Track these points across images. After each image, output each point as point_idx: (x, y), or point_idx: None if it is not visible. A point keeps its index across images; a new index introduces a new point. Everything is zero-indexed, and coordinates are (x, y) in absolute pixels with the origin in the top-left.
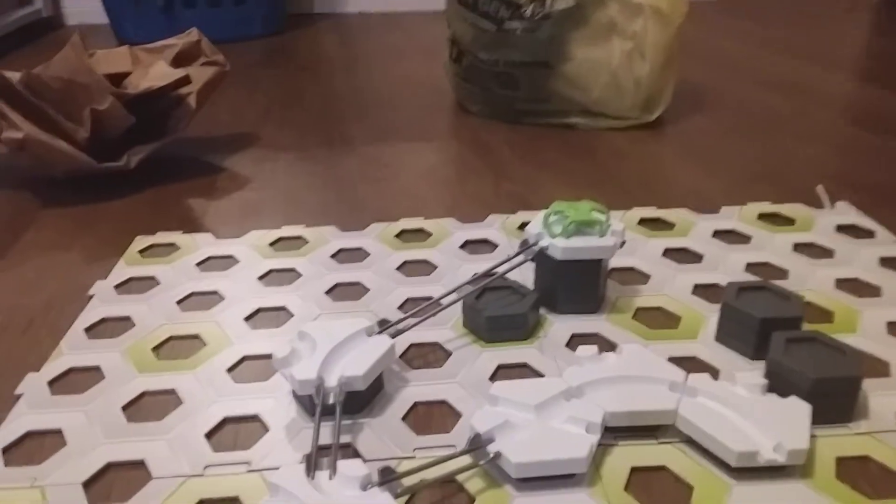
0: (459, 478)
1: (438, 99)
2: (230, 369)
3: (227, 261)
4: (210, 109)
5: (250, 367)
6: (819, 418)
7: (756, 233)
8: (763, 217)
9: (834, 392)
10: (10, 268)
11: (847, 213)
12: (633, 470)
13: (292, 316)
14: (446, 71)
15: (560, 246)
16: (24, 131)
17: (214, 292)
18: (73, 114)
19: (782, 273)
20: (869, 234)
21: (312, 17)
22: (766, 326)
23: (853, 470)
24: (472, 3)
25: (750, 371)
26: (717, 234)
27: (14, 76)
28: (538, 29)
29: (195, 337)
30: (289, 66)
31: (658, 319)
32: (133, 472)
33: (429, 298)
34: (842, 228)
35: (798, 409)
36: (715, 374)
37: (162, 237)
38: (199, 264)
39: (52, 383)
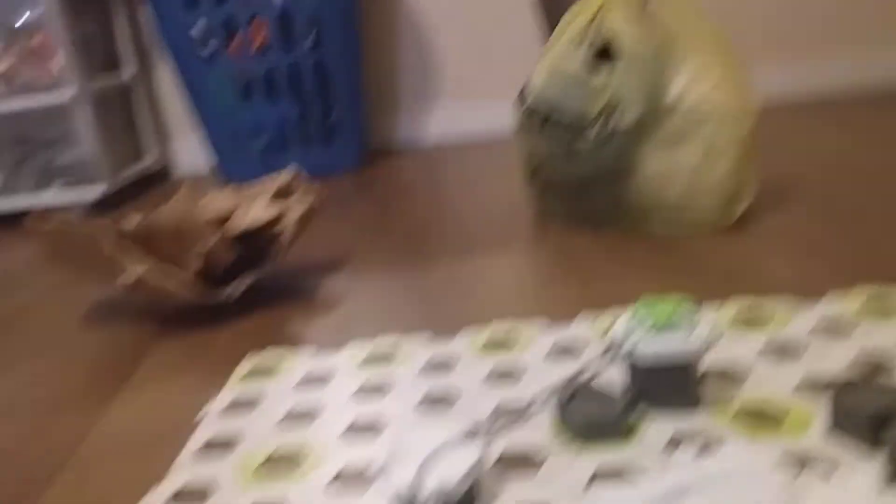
0: None
1: (519, 214)
2: (333, 480)
3: (327, 374)
4: (305, 241)
5: (352, 476)
6: None
7: (858, 322)
8: (868, 303)
9: None
10: (129, 396)
11: None
12: None
13: (388, 425)
14: (524, 186)
15: (644, 353)
16: (135, 274)
17: (316, 406)
18: (184, 253)
19: (888, 367)
20: None
21: (394, 152)
22: (878, 421)
23: None
24: (539, 130)
25: (865, 466)
26: (818, 325)
27: (132, 221)
28: (605, 145)
29: (300, 451)
30: (374, 197)
31: (760, 417)
32: None
33: (520, 403)
34: None
35: None
36: (827, 470)
37: (268, 356)
38: (302, 380)
39: (171, 498)
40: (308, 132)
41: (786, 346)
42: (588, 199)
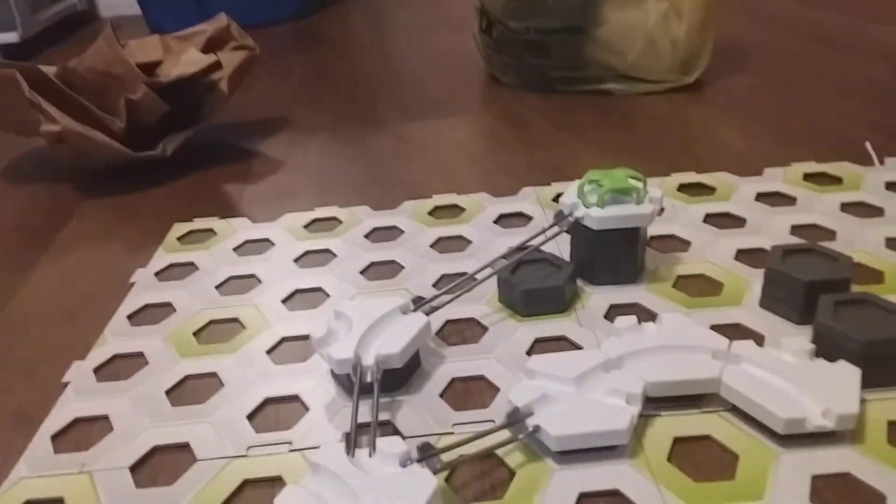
0: (499, 452)
1: (470, 72)
2: (269, 351)
3: (264, 244)
4: (242, 95)
5: (289, 348)
6: (870, 382)
7: (802, 194)
8: (809, 177)
9: (885, 354)
10: (53, 259)
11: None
12: (677, 440)
13: (328, 296)
14: (476, 43)
15: (596, 216)
16: (61, 124)
17: (252, 276)
18: (109, 105)
19: (830, 234)
20: None
21: None
22: (812, 290)
23: None
24: None
25: (796, 336)
26: (761, 196)
27: (50, 70)
28: None
29: (234, 320)
30: (319, 48)
31: (699, 287)
32: (178, 455)
33: (464, 274)
34: (891, 186)
35: (847, 373)
36: (760, 340)
37: (200, 223)
38: (236, 249)
39: (97, 370)
40: None
41: (727, 217)
42: (543, 58)
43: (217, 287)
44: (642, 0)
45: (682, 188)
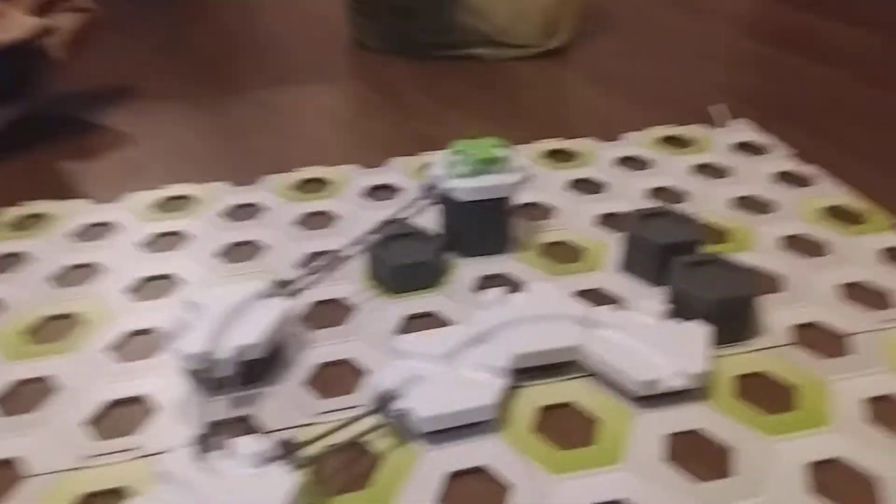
0: (367, 439)
1: (336, 36)
2: (113, 348)
3: (106, 228)
4: (81, 61)
5: (135, 343)
6: (721, 339)
7: (657, 157)
8: (664, 140)
9: (732, 312)
10: None
11: (744, 130)
12: (542, 410)
13: (182, 282)
14: (343, 7)
15: (462, 187)
16: None
17: (92, 264)
18: None
19: (682, 196)
20: (765, 150)
21: None
22: (666, 252)
23: (752, 387)
24: None
25: (652, 299)
26: (620, 161)
27: None
28: None
29: (72, 315)
30: (172, 7)
31: (563, 253)
32: (2, 474)
33: (331, 252)
34: (739, 147)
35: (697, 333)
36: (620, 303)
37: (31, 207)
38: (73, 234)
39: None
40: None
41: (589, 182)
42: (412, 22)
43: (52, 278)
44: None
45: (548, 154)
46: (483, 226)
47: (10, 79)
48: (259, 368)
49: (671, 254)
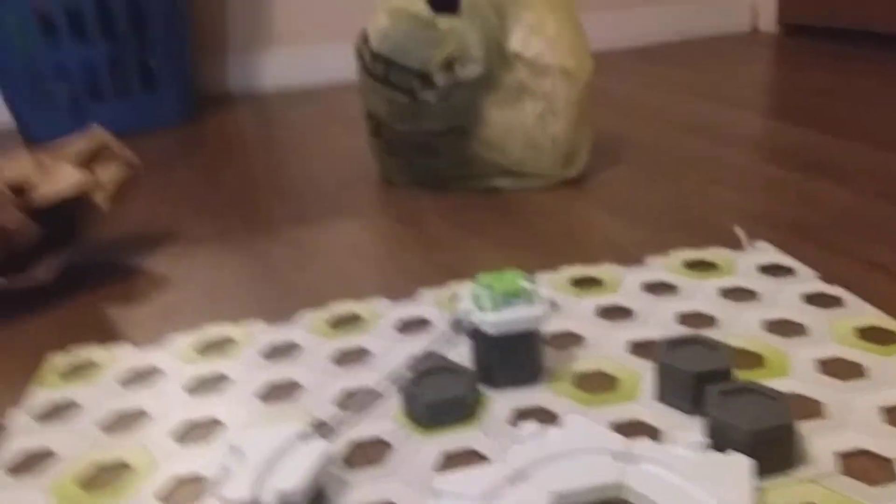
0: None
1: (362, 173)
2: (161, 496)
3: (150, 373)
4: (120, 209)
5: (182, 489)
6: (763, 470)
7: (683, 281)
8: (688, 264)
9: (771, 442)
10: None
11: (766, 251)
12: None
13: (223, 426)
14: (368, 144)
15: (491, 321)
16: None
17: (139, 410)
18: None
19: (711, 321)
20: (789, 272)
21: (227, 97)
22: (699, 381)
23: None
24: (384, 77)
25: (689, 429)
26: (646, 286)
27: None
28: (451, 97)
29: (122, 463)
30: (206, 152)
31: (596, 383)
32: None
33: (366, 389)
34: (763, 269)
35: (740, 465)
36: (657, 435)
37: (77, 355)
38: (119, 380)
39: None
40: (124, 79)
41: (616, 308)
42: (432, 158)
43: (101, 426)
44: (520, 100)
45: (573, 281)
46: (513, 358)
47: (57, 230)
48: None
49: (705, 382)
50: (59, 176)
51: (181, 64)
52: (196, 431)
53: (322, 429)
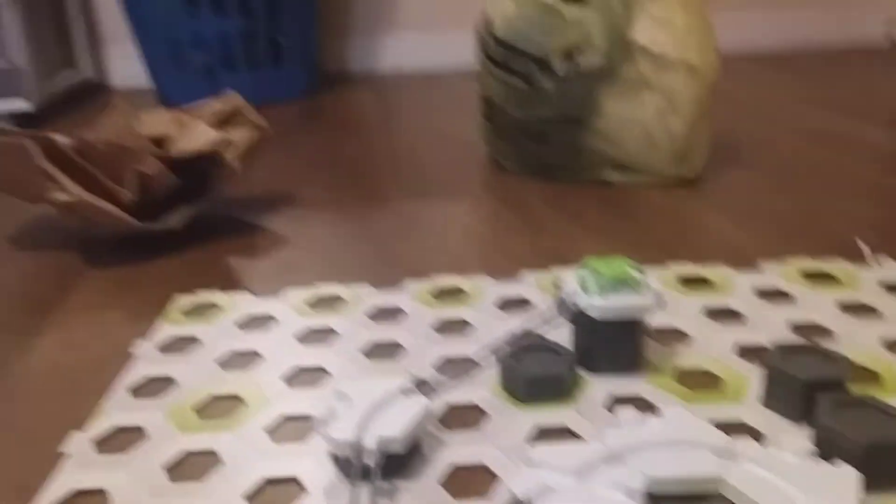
0: None
1: (473, 155)
2: (269, 430)
3: (266, 320)
4: (248, 169)
5: (289, 426)
6: (871, 485)
7: (799, 290)
8: (805, 274)
9: (884, 457)
10: (54, 326)
11: (891, 268)
12: None
13: (329, 375)
14: (480, 128)
15: (597, 305)
16: (72, 193)
17: (253, 352)
18: (119, 176)
19: (827, 333)
20: None
21: (348, 76)
22: (811, 389)
23: None
24: (503, 62)
25: (796, 436)
26: (759, 291)
27: (63, 140)
28: (569, 86)
29: (235, 397)
30: (326, 126)
31: (700, 381)
32: None
33: (465, 358)
34: (886, 286)
35: (847, 477)
36: (760, 438)
37: (201, 297)
38: (237, 323)
39: (95, 442)
40: (255, 52)
41: (726, 310)
42: (544, 146)
43: (218, 362)
44: (640, 93)
45: (680, 279)
46: (615, 344)
47: (191, 182)
48: (399, 462)
49: (815, 391)
50: (195, 133)
51: (307, 42)
52: (304, 376)
53: (423, 387)
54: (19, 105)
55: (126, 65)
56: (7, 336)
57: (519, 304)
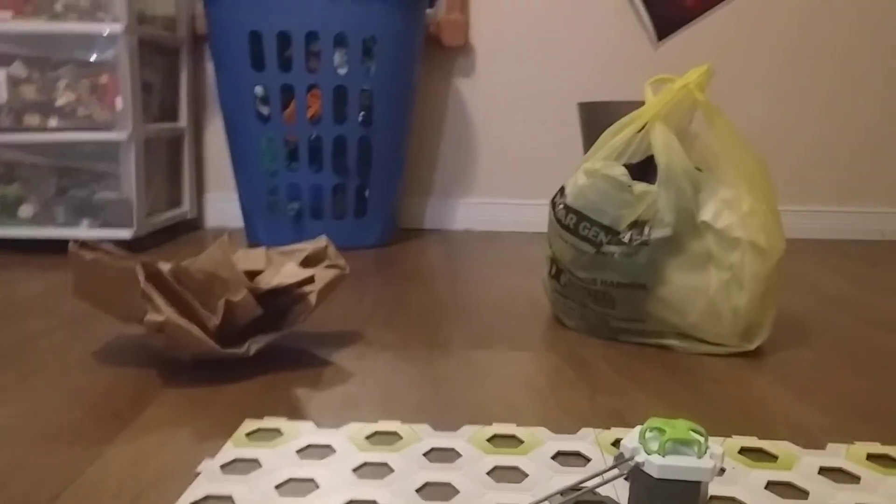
0: None
1: (536, 312)
2: None
3: (325, 450)
4: (324, 307)
5: None
6: None
7: (866, 473)
8: (872, 457)
9: None
10: (129, 440)
11: None
12: None
13: None
14: (544, 286)
15: (657, 463)
16: (165, 315)
17: (311, 479)
18: (210, 303)
19: None
20: None
21: (422, 231)
22: None
23: None
24: (573, 227)
25: None
26: (823, 471)
27: (165, 266)
28: (636, 254)
29: None
30: (397, 273)
31: None
32: None
33: None
34: None
35: None
36: None
37: (268, 422)
38: (299, 451)
39: None
40: (343, 204)
41: (789, 486)
42: (608, 307)
43: (277, 487)
44: (705, 267)
45: (743, 451)
46: None
47: (273, 313)
48: None
49: None
50: (283, 269)
51: (390, 198)
52: None
53: None
54: (123, 234)
55: (222, 207)
56: (79, 444)
57: (575, 458)
